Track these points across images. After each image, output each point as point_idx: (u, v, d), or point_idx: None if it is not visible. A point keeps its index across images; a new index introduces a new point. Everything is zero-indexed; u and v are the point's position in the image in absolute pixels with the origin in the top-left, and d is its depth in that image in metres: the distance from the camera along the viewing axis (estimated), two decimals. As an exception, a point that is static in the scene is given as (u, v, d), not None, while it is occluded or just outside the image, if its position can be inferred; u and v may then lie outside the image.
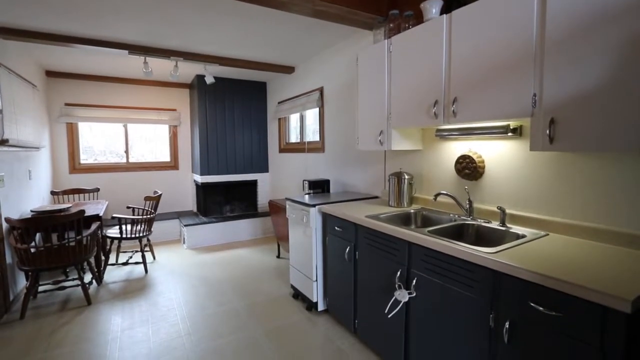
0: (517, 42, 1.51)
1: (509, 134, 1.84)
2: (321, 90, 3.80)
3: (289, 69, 4.36)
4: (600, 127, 1.26)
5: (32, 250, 2.81)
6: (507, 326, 1.31)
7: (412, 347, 1.82)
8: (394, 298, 1.84)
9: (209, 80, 4.06)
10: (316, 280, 2.65)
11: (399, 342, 1.91)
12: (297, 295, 2.98)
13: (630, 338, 1.03)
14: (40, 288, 3.11)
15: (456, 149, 2.25)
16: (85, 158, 4.88)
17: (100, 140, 5.01)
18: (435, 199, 2.13)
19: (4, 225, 2.79)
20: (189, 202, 5.58)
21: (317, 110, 3.95)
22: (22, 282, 3.17)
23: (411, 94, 2.12)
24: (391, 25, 2.33)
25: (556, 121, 1.39)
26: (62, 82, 4.59)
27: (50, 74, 4.42)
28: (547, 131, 1.40)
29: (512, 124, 1.84)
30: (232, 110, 5.07)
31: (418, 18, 2.20)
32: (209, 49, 3.61)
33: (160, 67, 4.12)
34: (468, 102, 1.75)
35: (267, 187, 5.44)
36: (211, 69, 4.17)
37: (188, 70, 4.38)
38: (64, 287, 3.09)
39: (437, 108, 1.92)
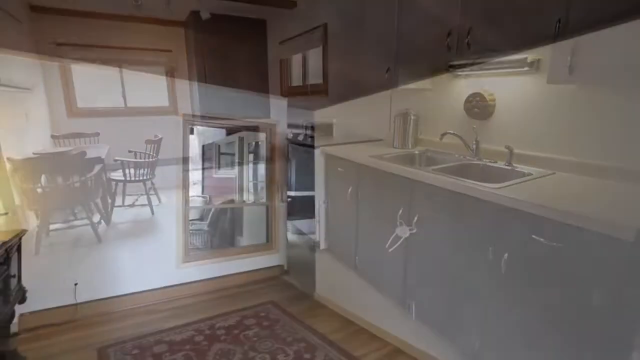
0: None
1: (526, 68, 1.73)
2: (325, 27, 3.55)
3: (290, 3, 4.04)
4: (624, 56, 1.17)
5: (39, 190, 2.85)
6: (506, 257, 1.34)
7: (410, 279, 1.90)
8: (394, 234, 1.88)
9: (205, 15, 3.79)
10: (318, 221, 2.71)
11: (398, 276, 1.98)
12: (300, 235, 3.07)
13: (629, 266, 1.04)
14: (51, 227, 3.20)
15: (467, 87, 2.14)
16: (83, 106, 4.76)
17: (96, 84, 4.84)
18: (441, 138, 2.07)
19: (8, 166, 2.79)
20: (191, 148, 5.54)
21: (320, 50, 3.73)
22: (32, 222, 3.25)
23: (423, 24, 1.96)
24: (404, -56, 2.09)
25: (579, 49, 1.28)
26: (50, 19, 4.28)
27: (36, 8, 4.12)
28: (569, 58, 1.30)
29: (530, 57, 1.72)
30: (231, 52, 4.81)
31: None
32: (203, -22, 3.31)
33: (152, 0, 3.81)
34: (484, 32, 1.62)
35: (268, 132, 5.34)
36: (206, 2, 3.86)
37: (181, 4, 4.04)
38: (74, 227, 3.19)
39: (450, 40, 1.79)
